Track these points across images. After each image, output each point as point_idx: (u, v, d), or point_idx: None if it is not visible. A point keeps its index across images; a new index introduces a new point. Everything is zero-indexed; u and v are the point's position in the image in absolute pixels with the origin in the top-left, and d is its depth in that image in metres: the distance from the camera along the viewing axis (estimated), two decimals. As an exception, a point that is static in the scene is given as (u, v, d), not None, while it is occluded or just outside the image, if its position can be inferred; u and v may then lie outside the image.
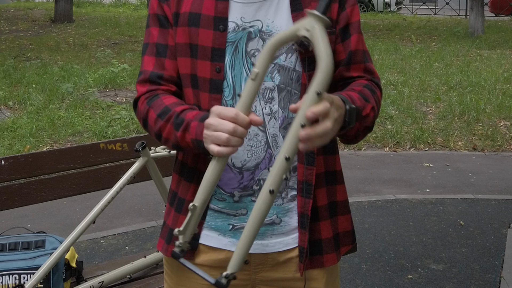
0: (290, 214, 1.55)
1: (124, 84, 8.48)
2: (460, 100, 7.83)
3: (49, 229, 4.18)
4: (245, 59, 1.50)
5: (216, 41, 1.50)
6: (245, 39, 1.50)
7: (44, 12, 18.32)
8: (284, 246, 1.56)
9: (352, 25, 1.55)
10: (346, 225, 1.64)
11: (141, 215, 4.61)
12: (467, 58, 11.03)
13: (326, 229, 1.58)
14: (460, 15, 19.28)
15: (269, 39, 1.48)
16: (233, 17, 1.50)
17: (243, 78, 1.50)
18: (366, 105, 1.46)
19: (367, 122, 1.48)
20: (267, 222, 1.54)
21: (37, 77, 8.62)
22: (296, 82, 1.51)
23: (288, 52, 1.50)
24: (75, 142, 6.17)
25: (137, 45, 12.56)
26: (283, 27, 1.49)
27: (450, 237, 4.26)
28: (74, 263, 2.61)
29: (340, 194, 1.62)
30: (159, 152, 2.74)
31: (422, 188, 5.29)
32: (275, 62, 1.50)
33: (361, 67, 1.56)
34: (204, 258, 1.58)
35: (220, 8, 1.51)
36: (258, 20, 1.50)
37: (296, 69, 1.50)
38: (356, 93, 1.47)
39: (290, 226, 1.55)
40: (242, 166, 1.52)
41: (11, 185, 2.64)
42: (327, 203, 1.57)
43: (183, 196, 1.59)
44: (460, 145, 6.49)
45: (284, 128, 1.51)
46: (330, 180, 1.59)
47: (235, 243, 1.55)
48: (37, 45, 12.29)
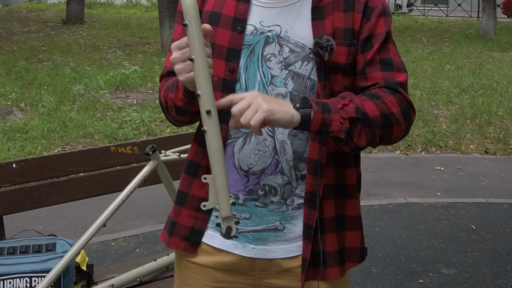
0: (295, 221, 1.55)
1: (135, 85, 8.51)
2: (472, 103, 7.78)
3: (60, 231, 4.19)
4: (260, 62, 1.50)
5: (232, 41, 1.51)
6: (262, 43, 1.50)
7: (55, 13, 18.40)
8: (287, 253, 1.56)
9: (375, 37, 1.51)
10: (354, 241, 1.61)
11: (151, 218, 4.62)
12: (479, 61, 10.96)
13: (331, 241, 1.56)
14: (472, 16, 19.18)
15: (286, 45, 1.49)
16: (252, 20, 1.51)
17: (257, 81, 1.50)
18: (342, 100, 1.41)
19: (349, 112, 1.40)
20: (270, 228, 1.54)
21: (49, 79, 8.66)
22: (310, 90, 1.50)
23: (304, 60, 1.49)
24: (86, 144, 6.19)
25: (148, 46, 12.59)
26: (302, 34, 1.49)
27: (462, 241, 4.23)
28: (85, 266, 2.61)
29: (351, 209, 1.59)
30: (169, 156, 2.74)
31: (433, 191, 5.26)
32: (290, 69, 1.49)
33: (378, 76, 1.50)
34: (208, 259, 1.59)
35: (241, 10, 1.52)
36: (277, 25, 1.50)
37: (311, 77, 1.50)
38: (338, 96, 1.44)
39: (294, 233, 1.55)
40: (248, 169, 1.53)
41: (22, 188, 2.66)
42: (334, 216, 1.55)
43: (182, 188, 1.62)
44: (472, 148, 6.45)
45: (293, 135, 1.50)
46: (340, 193, 1.56)
47: (238, 246, 1.57)
48: (48, 47, 12.34)
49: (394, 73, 1.50)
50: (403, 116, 1.47)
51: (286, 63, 1.49)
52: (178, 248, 1.62)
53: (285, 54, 1.49)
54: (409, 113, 1.49)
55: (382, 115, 1.43)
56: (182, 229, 1.61)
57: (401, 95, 1.49)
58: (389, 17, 1.53)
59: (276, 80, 1.50)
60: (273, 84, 1.50)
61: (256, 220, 1.55)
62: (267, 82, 1.50)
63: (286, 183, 1.52)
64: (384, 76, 1.49)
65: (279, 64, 1.50)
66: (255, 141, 1.51)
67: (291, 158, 1.51)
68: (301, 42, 1.49)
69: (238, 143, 1.53)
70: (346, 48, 1.48)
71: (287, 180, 1.52)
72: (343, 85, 1.50)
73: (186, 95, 1.46)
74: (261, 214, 1.54)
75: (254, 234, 1.55)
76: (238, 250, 1.57)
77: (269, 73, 1.50)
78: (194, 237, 1.60)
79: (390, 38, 1.53)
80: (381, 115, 1.43)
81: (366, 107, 1.42)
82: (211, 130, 1.32)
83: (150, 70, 9.45)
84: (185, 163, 1.64)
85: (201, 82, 1.31)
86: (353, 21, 1.50)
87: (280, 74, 1.50)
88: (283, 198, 1.53)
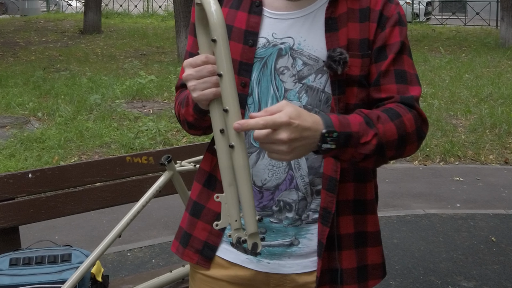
0: (310, 236, 1.51)
1: (151, 95, 8.52)
2: (491, 113, 7.69)
3: (76, 241, 4.19)
4: (273, 76, 1.47)
5: (244, 55, 1.48)
6: (274, 56, 1.47)
7: (73, 23, 18.59)
8: (302, 269, 1.53)
9: (389, 46, 1.46)
10: (376, 257, 1.57)
11: (167, 228, 4.60)
12: (498, 70, 10.86)
13: (349, 259, 1.52)
14: (491, 25, 19.05)
15: (300, 58, 1.45)
16: (264, 33, 1.48)
17: (270, 95, 1.47)
18: (367, 131, 1.34)
19: (367, 149, 1.35)
20: (285, 243, 1.52)
21: (66, 88, 8.71)
22: (325, 104, 1.46)
23: (318, 73, 1.45)
24: (102, 154, 6.19)
25: (164, 56, 12.65)
26: (315, 46, 1.45)
27: (482, 253, 4.16)
28: (100, 277, 2.59)
29: (371, 225, 1.55)
30: (184, 166, 2.72)
31: (452, 202, 5.19)
32: (303, 82, 1.45)
33: (392, 88, 1.45)
34: (222, 272, 1.57)
35: (252, 23, 1.48)
36: (290, 37, 1.46)
37: (325, 90, 1.46)
38: (362, 117, 1.36)
39: (309, 248, 1.52)
40: (262, 185, 1.50)
41: (38, 198, 2.65)
42: (353, 232, 1.51)
43: (198, 200, 1.59)
44: (491, 158, 6.36)
45: None
46: (359, 209, 1.52)
47: (252, 261, 1.54)
48: (66, 56, 12.45)
49: (408, 86, 1.45)
50: (417, 135, 1.43)
51: (299, 76, 1.45)
52: (192, 260, 1.60)
53: (298, 67, 1.45)
54: (422, 130, 1.45)
55: (400, 137, 1.39)
56: (196, 242, 1.59)
57: (417, 111, 1.45)
58: (404, 27, 1.48)
59: (289, 94, 1.46)
60: (287, 98, 1.46)
61: (271, 235, 1.52)
62: (281, 96, 1.46)
63: (301, 199, 1.49)
64: (399, 89, 1.44)
65: (292, 77, 1.46)
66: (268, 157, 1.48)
67: (306, 174, 1.48)
68: (314, 55, 1.45)
69: (251, 158, 1.50)
70: (360, 60, 1.44)
71: (302, 196, 1.49)
72: (359, 98, 1.46)
73: (196, 111, 1.45)
74: (276, 230, 1.51)
75: (268, 249, 1.53)
76: (252, 265, 1.54)
77: (283, 87, 1.46)
78: (207, 251, 1.57)
79: (405, 48, 1.48)
80: (399, 137, 1.39)
81: (387, 132, 1.37)
82: (238, 146, 1.30)
83: (167, 79, 9.47)
84: (200, 173, 1.61)
85: (229, 98, 1.29)
86: (369, 31, 1.45)
87: (293, 88, 1.46)
88: (298, 214, 1.50)
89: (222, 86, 1.30)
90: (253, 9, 1.49)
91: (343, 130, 1.31)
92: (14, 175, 2.61)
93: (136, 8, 23.37)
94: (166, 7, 22.89)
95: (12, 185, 2.58)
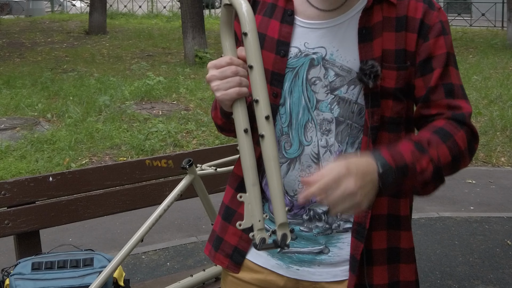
0: (341, 245, 1.49)
1: (160, 96, 8.51)
2: (501, 115, 7.65)
3: (90, 243, 4.17)
4: (305, 86, 1.44)
5: (276, 65, 1.46)
6: (306, 66, 1.44)
7: (78, 24, 18.57)
8: (332, 277, 1.51)
9: (435, 58, 1.41)
10: (409, 275, 1.53)
11: (181, 231, 4.58)
12: (506, 71, 10.81)
13: (380, 275, 1.48)
14: (497, 26, 18.98)
15: (332, 69, 1.43)
16: (296, 42, 1.45)
17: (301, 106, 1.45)
18: (421, 158, 1.32)
19: (425, 176, 1.33)
20: (315, 251, 1.50)
21: (74, 89, 8.70)
22: (358, 115, 1.43)
23: (350, 84, 1.42)
24: (113, 155, 6.18)
25: (170, 57, 12.64)
26: (348, 57, 1.41)
27: (498, 257, 4.13)
28: (122, 282, 2.57)
29: (405, 241, 1.51)
30: (205, 170, 2.70)
31: (466, 205, 5.16)
32: (335, 94, 1.43)
33: (442, 104, 1.42)
34: (252, 276, 1.56)
35: (284, 32, 1.46)
36: (322, 47, 1.43)
37: (358, 102, 1.42)
38: (412, 144, 1.34)
39: (340, 257, 1.49)
40: (294, 194, 1.49)
41: (59, 201, 2.64)
42: (386, 248, 1.48)
43: (229, 205, 1.60)
44: (503, 161, 6.33)
45: None
46: (393, 224, 1.49)
47: (282, 266, 1.53)
48: (72, 57, 12.44)
49: (456, 100, 1.42)
50: (469, 152, 1.42)
51: (331, 87, 1.43)
52: (223, 264, 1.60)
53: (330, 78, 1.42)
54: (473, 146, 1.43)
55: (453, 158, 1.38)
56: (227, 246, 1.59)
57: (468, 127, 1.42)
58: (448, 35, 1.43)
59: (321, 105, 1.44)
60: (319, 109, 1.44)
61: (302, 241, 1.51)
62: (312, 107, 1.44)
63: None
64: (449, 105, 1.41)
65: (324, 88, 1.43)
66: (299, 168, 1.47)
67: None
68: (347, 66, 1.41)
69: (282, 168, 1.48)
70: (396, 72, 1.40)
71: None
72: (394, 111, 1.43)
73: (223, 115, 1.46)
74: (306, 238, 1.50)
75: (298, 256, 1.52)
76: (282, 271, 1.54)
77: (314, 98, 1.44)
78: (236, 256, 1.58)
79: (451, 59, 1.43)
80: (453, 159, 1.37)
81: (441, 156, 1.35)
82: (268, 136, 1.32)
83: (175, 80, 9.45)
84: (233, 178, 1.61)
85: (258, 89, 1.32)
86: (406, 41, 1.40)
87: (325, 99, 1.43)
88: (327, 223, 1.48)
89: (252, 78, 1.33)
90: (285, 18, 1.47)
91: (397, 164, 1.30)
92: (35, 179, 2.60)
93: (140, 8, 23.36)
94: (171, 7, 22.88)
95: (32, 189, 2.57)
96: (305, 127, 1.45)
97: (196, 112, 7.71)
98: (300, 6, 1.47)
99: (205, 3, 13.82)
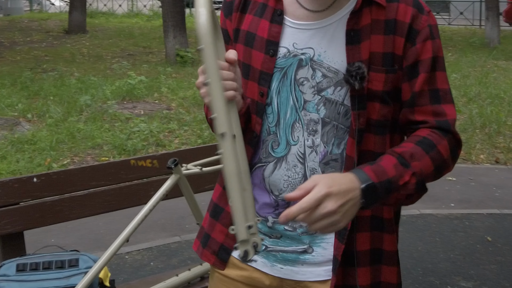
0: (325, 245, 1.51)
1: (141, 96, 8.48)
2: (480, 112, 7.75)
3: (73, 244, 4.15)
4: (293, 86, 1.46)
5: (264, 64, 1.47)
6: (295, 66, 1.45)
7: (57, 23, 18.42)
8: (316, 277, 1.52)
9: (421, 63, 1.41)
10: (391, 277, 1.54)
11: (165, 230, 4.58)
12: (484, 69, 10.96)
13: (364, 276, 1.50)
14: (474, 25, 19.20)
15: (319, 69, 1.44)
16: (285, 42, 1.46)
17: (289, 106, 1.46)
18: (404, 172, 1.33)
19: (408, 190, 1.34)
20: (299, 250, 1.52)
21: (55, 89, 8.64)
22: (344, 116, 1.44)
23: (337, 85, 1.43)
24: (95, 155, 6.15)
25: (151, 56, 12.60)
26: (336, 59, 1.42)
27: (479, 253, 4.19)
28: (108, 282, 2.58)
29: (388, 243, 1.52)
30: (191, 169, 2.71)
31: (447, 202, 5.22)
32: (322, 95, 1.44)
33: (427, 110, 1.42)
34: (238, 273, 1.58)
35: (273, 32, 1.47)
36: (311, 48, 1.44)
37: (344, 103, 1.43)
38: (395, 158, 1.35)
39: (323, 257, 1.51)
40: (279, 194, 1.50)
41: (44, 202, 2.63)
42: (369, 249, 1.49)
43: (218, 203, 1.62)
44: (482, 158, 6.42)
45: (324, 163, 1.46)
46: (376, 226, 1.50)
47: (266, 265, 1.55)
48: (52, 56, 12.35)
49: (442, 106, 1.42)
50: (452, 159, 1.43)
51: (318, 88, 1.44)
52: (209, 261, 1.63)
53: (317, 79, 1.43)
54: (456, 153, 1.45)
55: (436, 168, 1.38)
56: (213, 243, 1.61)
57: (452, 135, 1.43)
58: (436, 40, 1.43)
59: (308, 106, 1.45)
60: (306, 110, 1.45)
61: (286, 240, 1.52)
62: (300, 107, 1.45)
63: None
64: (434, 111, 1.41)
65: (311, 89, 1.44)
66: (285, 167, 1.48)
67: None
68: (334, 67, 1.42)
69: (269, 167, 1.50)
70: (384, 75, 1.40)
71: None
72: (381, 114, 1.43)
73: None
74: (291, 237, 1.52)
75: (282, 255, 1.53)
76: (266, 269, 1.56)
77: (302, 98, 1.45)
78: (222, 254, 1.60)
79: (438, 64, 1.43)
80: (435, 168, 1.38)
81: (424, 168, 1.36)
82: (226, 153, 1.29)
83: (156, 80, 9.43)
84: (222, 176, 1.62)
85: (215, 105, 1.29)
86: (394, 45, 1.41)
87: (312, 99, 1.44)
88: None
89: (209, 93, 1.29)
90: (275, 18, 1.48)
91: (380, 180, 1.31)
92: (19, 180, 2.59)
93: (120, 7, 23.24)
94: (151, 6, 22.80)
95: (17, 190, 2.56)
96: (293, 127, 1.47)
97: (178, 111, 7.70)
98: (290, 7, 1.48)
99: (186, 2, 13.77)
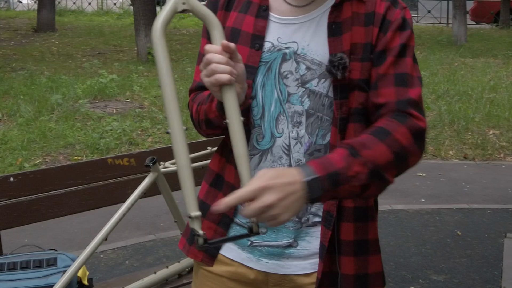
0: (309, 239, 1.54)
1: (113, 95, 8.44)
2: (449, 109, 7.90)
3: (47, 243, 4.12)
4: (277, 80, 1.50)
5: (250, 58, 1.50)
6: (279, 60, 1.50)
7: (26, 21, 18.18)
8: (301, 270, 1.55)
9: (390, 50, 1.46)
10: (377, 265, 1.57)
11: (139, 229, 4.58)
12: (452, 67, 11.14)
13: (348, 265, 1.52)
14: (442, 23, 19.49)
15: (303, 62, 1.49)
16: (270, 37, 1.51)
17: (274, 99, 1.50)
18: (353, 162, 1.33)
19: (360, 180, 1.33)
20: (284, 244, 1.54)
21: (25, 88, 8.55)
22: (328, 108, 1.48)
23: (321, 77, 1.47)
24: (67, 155, 6.11)
25: (122, 54, 12.52)
26: (319, 51, 1.47)
27: (449, 247, 4.30)
28: (86, 281, 2.59)
29: (372, 232, 1.55)
30: (168, 167, 2.73)
31: (418, 198, 5.33)
32: (306, 87, 1.48)
33: (390, 92, 1.43)
34: (224, 269, 1.59)
35: (259, 27, 1.51)
36: (294, 42, 1.49)
37: (328, 95, 1.48)
38: (346, 149, 1.35)
39: (308, 250, 1.54)
40: None
41: (21, 202, 2.63)
42: (353, 240, 1.52)
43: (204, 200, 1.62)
44: (451, 154, 6.55)
45: (309, 154, 1.49)
46: (360, 216, 1.52)
47: (252, 259, 1.57)
48: (21, 55, 12.19)
49: (408, 89, 1.43)
50: (416, 145, 1.40)
51: (302, 80, 1.48)
52: (197, 258, 1.62)
53: (301, 72, 1.48)
54: (422, 137, 1.42)
55: (396, 155, 1.37)
56: None
57: (412, 117, 1.41)
58: (407, 31, 1.47)
59: (292, 98, 1.49)
60: (290, 102, 1.49)
61: (272, 235, 1.55)
62: (284, 100, 1.49)
63: None
64: (397, 93, 1.42)
65: (295, 82, 1.48)
66: (271, 159, 1.51)
67: None
68: (317, 59, 1.47)
69: (254, 160, 1.53)
70: (360, 63, 1.46)
71: None
72: (359, 102, 1.47)
73: (218, 108, 1.46)
74: (277, 230, 1.54)
75: (268, 249, 1.56)
76: (252, 264, 1.57)
77: (286, 91, 1.49)
78: (211, 250, 1.60)
79: (407, 51, 1.46)
80: (395, 156, 1.37)
81: (378, 155, 1.36)
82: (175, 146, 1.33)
83: (128, 78, 9.38)
84: (209, 173, 1.63)
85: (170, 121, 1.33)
86: (372, 35, 1.46)
87: (296, 92, 1.48)
88: (297, 217, 1.52)
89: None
90: (260, 13, 1.52)
91: (327, 172, 1.31)
92: (-5, 179, 2.58)
93: (90, 5, 23.02)
94: (121, 4, 22.63)
95: (-7, 190, 2.55)
96: (277, 119, 1.50)
97: (151, 110, 7.69)
98: (274, 2, 1.53)
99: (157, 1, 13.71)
